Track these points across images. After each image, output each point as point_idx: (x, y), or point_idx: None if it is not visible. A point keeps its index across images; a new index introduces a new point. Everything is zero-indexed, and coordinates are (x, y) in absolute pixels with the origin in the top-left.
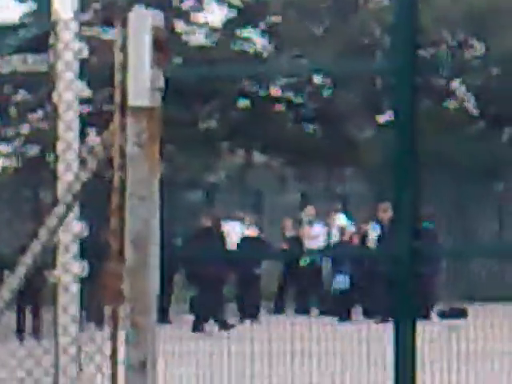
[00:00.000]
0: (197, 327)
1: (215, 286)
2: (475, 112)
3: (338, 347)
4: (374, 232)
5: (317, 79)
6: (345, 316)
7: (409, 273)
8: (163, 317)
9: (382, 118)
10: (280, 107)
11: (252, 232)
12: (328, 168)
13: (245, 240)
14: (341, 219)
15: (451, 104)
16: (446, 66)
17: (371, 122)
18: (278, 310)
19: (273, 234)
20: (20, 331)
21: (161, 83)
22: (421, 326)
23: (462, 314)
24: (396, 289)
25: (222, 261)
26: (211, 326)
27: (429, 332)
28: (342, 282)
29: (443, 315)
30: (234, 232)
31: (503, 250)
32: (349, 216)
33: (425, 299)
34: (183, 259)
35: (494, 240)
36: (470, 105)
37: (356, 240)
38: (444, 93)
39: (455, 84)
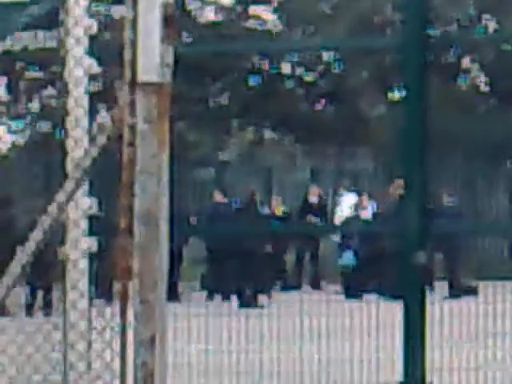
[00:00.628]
0: (245, 302)
1: (250, 261)
2: (487, 89)
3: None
4: (370, 209)
5: (327, 56)
6: (352, 293)
7: (418, 250)
8: (172, 294)
9: (393, 95)
10: (291, 84)
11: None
12: (338, 146)
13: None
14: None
15: (462, 82)
16: (456, 43)
17: (382, 99)
18: (295, 285)
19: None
20: (29, 307)
21: (170, 59)
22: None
23: (472, 291)
24: (404, 265)
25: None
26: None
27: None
28: (349, 258)
29: (454, 293)
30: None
31: None
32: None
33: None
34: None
35: (506, 218)
36: (482, 82)
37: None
38: (455, 70)
39: (466, 61)
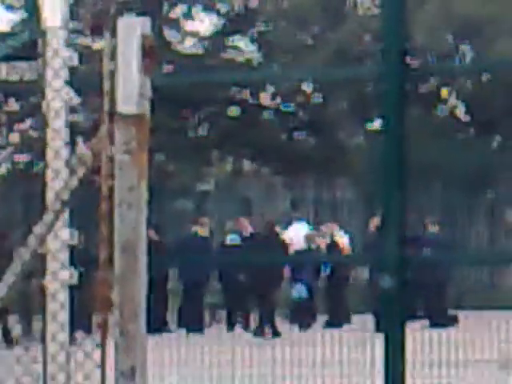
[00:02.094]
0: (258, 332)
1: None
2: (466, 118)
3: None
4: (342, 239)
5: (306, 87)
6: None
7: (397, 280)
8: (162, 325)
9: (371, 125)
10: (270, 115)
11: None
12: (317, 175)
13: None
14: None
15: (441, 111)
16: (435, 72)
17: (361, 129)
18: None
19: None
20: (7, 338)
21: (149, 90)
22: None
23: (452, 320)
24: (384, 296)
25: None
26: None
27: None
28: (300, 290)
29: (433, 322)
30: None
31: (494, 257)
32: (309, 222)
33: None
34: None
35: (485, 247)
36: (461, 111)
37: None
38: (434, 100)
39: (445, 91)
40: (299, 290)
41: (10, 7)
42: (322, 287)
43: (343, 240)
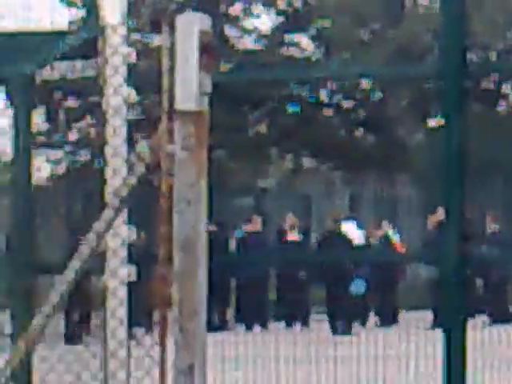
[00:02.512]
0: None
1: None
2: None
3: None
4: (394, 237)
5: (366, 84)
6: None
7: (458, 277)
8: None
9: (431, 123)
10: (329, 112)
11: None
12: (377, 173)
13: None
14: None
15: (502, 108)
16: (496, 69)
17: (421, 127)
18: None
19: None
20: (69, 335)
21: (208, 87)
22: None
23: None
24: (445, 293)
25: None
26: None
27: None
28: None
29: (495, 319)
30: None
31: None
32: (359, 222)
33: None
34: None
35: None
36: None
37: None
38: (495, 97)
39: (506, 88)
40: (358, 286)
41: (69, 4)
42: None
43: (395, 238)
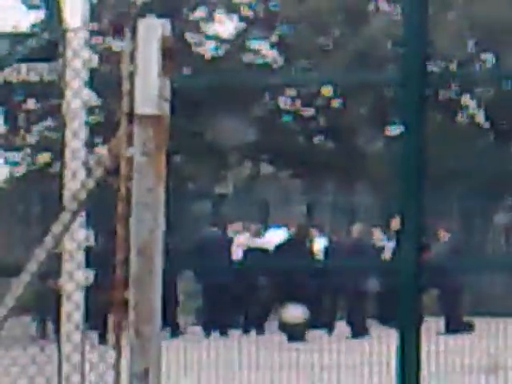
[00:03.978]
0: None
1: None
2: (486, 125)
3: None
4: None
5: (326, 91)
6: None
7: (414, 285)
8: (174, 329)
9: (391, 131)
10: (288, 119)
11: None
12: (336, 180)
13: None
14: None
15: (461, 117)
16: (456, 79)
17: (380, 135)
18: None
19: None
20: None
21: (168, 92)
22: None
23: (468, 327)
24: (401, 300)
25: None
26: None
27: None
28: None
29: (450, 329)
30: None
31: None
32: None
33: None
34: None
35: (503, 254)
36: (481, 118)
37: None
38: (454, 106)
39: (466, 98)
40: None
41: (31, 7)
42: None
43: (318, 245)
